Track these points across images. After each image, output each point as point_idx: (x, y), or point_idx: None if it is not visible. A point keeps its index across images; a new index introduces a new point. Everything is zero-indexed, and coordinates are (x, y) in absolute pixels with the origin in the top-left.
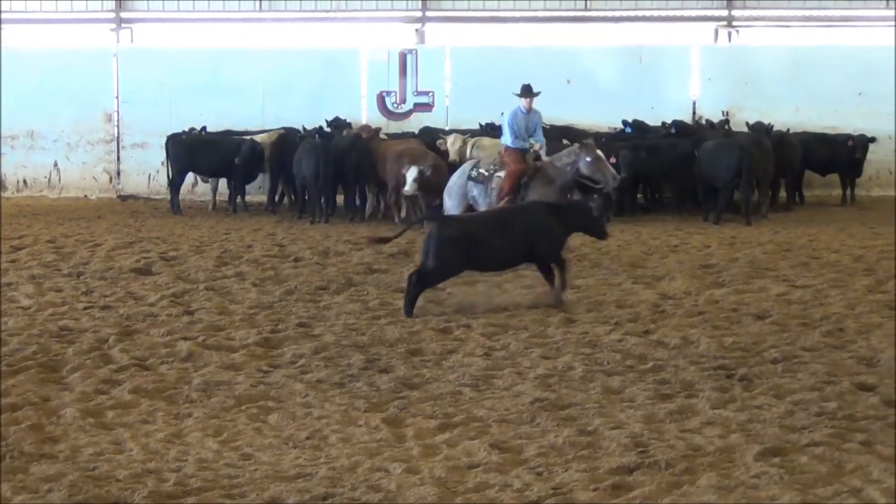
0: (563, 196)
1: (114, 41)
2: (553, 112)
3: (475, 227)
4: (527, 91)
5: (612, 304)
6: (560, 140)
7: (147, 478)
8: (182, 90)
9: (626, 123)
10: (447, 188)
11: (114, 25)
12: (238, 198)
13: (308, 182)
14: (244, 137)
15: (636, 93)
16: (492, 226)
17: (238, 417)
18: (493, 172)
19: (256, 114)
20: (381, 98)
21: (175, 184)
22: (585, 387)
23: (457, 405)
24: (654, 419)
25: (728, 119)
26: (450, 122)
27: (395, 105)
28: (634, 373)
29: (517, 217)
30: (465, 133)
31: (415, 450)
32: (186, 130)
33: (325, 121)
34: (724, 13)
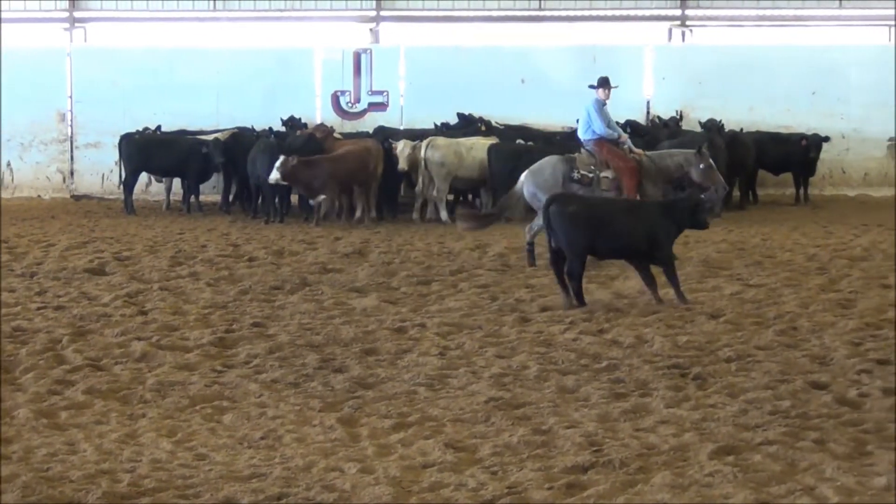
0: (664, 194)
1: (67, 41)
2: (507, 112)
3: (598, 210)
4: (604, 82)
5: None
6: (514, 140)
7: (101, 478)
8: (136, 90)
9: None
10: (543, 188)
11: (67, 25)
12: (192, 197)
13: (262, 182)
14: (198, 137)
15: (590, 92)
16: (616, 211)
17: (192, 418)
18: (598, 173)
19: (211, 113)
20: (336, 97)
21: (128, 184)
22: (540, 386)
23: (411, 405)
24: (609, 418)
25: (680, 117)
26: (404, 122)
27: (350, 105)
28: (589, 372)
29: (639, 211)
30: (420, 132)
31: (369, 449)
32: (141, 130)
33: (281, 120)
34: (678, 13)
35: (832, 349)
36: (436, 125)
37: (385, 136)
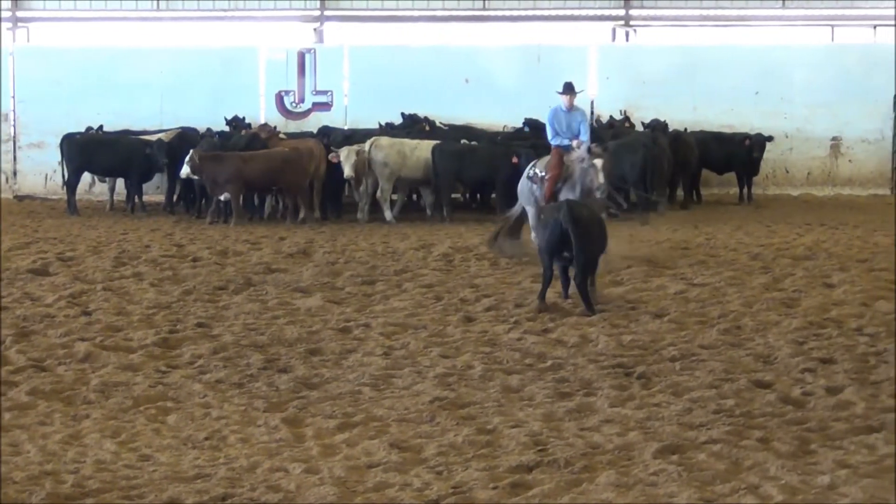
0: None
1: (10, 40)
2: (451, 111)
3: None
4: (568, 88)
5: (511, 303)
6: (458, 140)
7: (45, 480)
8: (79, 89)
9: (528, 123)
10: (520, 191)
11: (10, 24)
12: (136, 198)
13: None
14: (141, 137)
15: (535, 92)
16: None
17: (136, 418)
18: (543, 175)
19: (155, 113)
20: (280, 97)
21: (71, 184)
22: (485, 385)
23: (356, 405)
24: (553, 417)
25: (628, 117)
26: (349, 122)
27: (294, 104)
28: (533, 371)
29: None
30: (364, 132)
31: (314, 450)
32: (85, 130)
33: (225, 119)
34: (622, 13)
35: (776, 348)
36: (380, 125)
37: (327, 142)
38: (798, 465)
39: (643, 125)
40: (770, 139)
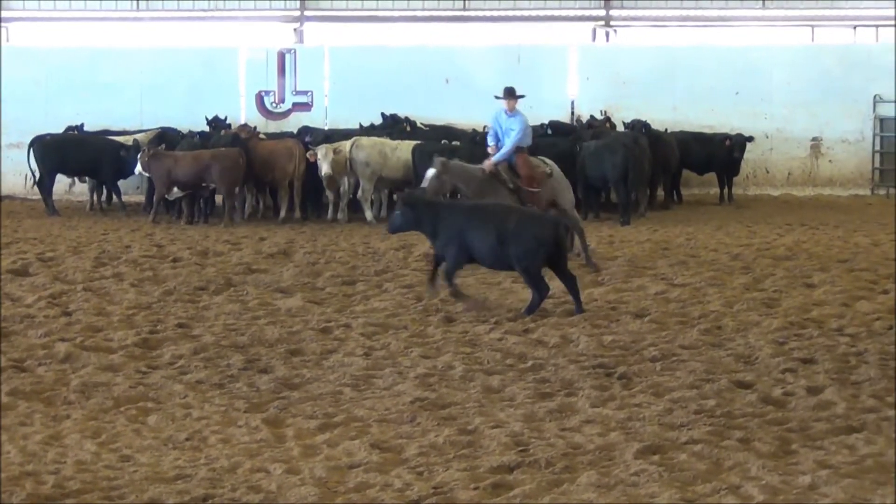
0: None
1: None
2: (432, 112)
3: None
4: (508, 93)
5: (492, 303)
6: (440, 140)
7: (25, 480)
8: (59, 89)
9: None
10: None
11: None
12: (115, 198)
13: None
14: (113, 138)
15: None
16: None
17: (117, 419)
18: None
19: (134, 113)
20: (260, 98)
21: (44, 185)
22: (465, 386)
23: (337, 405)
24: (534, 418)
25: (609, 117)
26: (329, 122)
27: (274, 105)
28: (514, 371)
29: None
30: (344, 132)
31: (295, 450)
32: (65, 130)
33: (205, 119)
34: (602, 13)
35: (756, 348)
36: (361, 125)
37: (305, 140)
38: (779, 466)
39: (624, 125)
40: (750, 139)
